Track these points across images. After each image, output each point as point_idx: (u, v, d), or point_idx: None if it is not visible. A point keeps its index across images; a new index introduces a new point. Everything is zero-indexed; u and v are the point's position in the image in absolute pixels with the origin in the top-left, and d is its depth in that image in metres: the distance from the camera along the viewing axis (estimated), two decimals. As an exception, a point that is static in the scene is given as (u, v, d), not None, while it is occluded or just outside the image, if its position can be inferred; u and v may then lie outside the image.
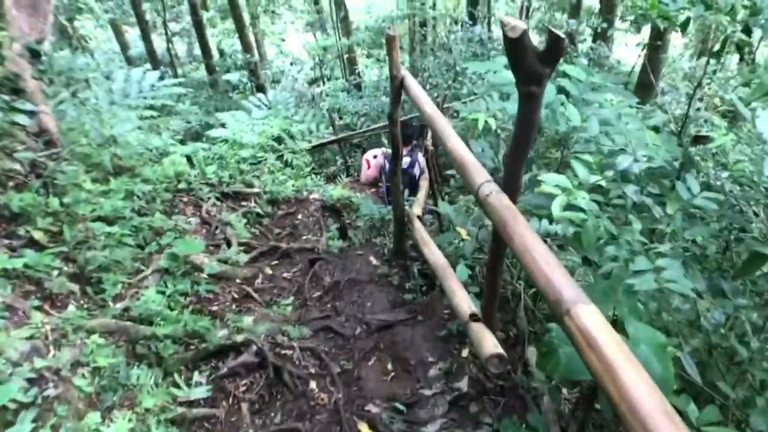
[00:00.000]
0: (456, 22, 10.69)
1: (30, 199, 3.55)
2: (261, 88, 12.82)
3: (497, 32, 11.65)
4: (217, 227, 5.27)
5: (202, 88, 15.81)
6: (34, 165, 4.10)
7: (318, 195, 6.42)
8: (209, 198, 5.66)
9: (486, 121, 4.52)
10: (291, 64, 17.55)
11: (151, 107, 7.82)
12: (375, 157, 7.28)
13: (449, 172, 4.97)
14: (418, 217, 4.27)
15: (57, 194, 3.92)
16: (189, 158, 6.35)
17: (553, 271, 1.56)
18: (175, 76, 15.36)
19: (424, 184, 5.45)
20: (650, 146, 2.61)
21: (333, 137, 9.26)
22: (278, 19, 20.22)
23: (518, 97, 1.85)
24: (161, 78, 8.89)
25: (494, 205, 1.91)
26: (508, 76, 3.29)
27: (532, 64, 1.71)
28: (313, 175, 7.10)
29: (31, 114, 4.30)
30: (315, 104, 12.72)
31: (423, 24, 13.80)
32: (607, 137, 2.60)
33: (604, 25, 9.99)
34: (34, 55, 4.81)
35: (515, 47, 1.68)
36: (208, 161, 6.31)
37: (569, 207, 2.17)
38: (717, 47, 3.73)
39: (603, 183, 2.26)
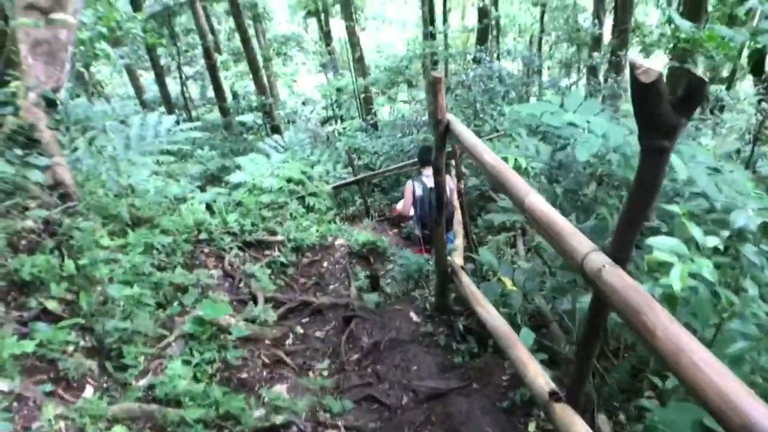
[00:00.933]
0: (475, 60, 10.47)
1: (43, 263, 3.18)
2: (276, 129, 12.60)
3: (509, 67, 11.43)
4: (241, 280, 4.88)
5: (216, 130, 15.67)
6: (47, 222, 3.76)
7: (343, 240, 6.05)
8: (231, 248, 5.30)
9: (516, 160, 4.18)
10: (303, 103, 17.42)
11: (168, 152, 7.53)
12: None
13: (489, 216, 4.59)
14: (462, 267, 3.87)
15: (72, 255, 3.56)
16: (209, 206, 6.02)
17: (729, 384, 1.15)
18: (190, 119, 15.22)
19: (459, 229, 5.07)
20: (752, 195, 2.23)
21: (352, 178, 8.94)
22: (290, 60, 20.22)
23: (642, 151, 1.48)
24: (177, 122, 8.67)
25: (614, 284, 1.52)
26: (564, 118, 2.94)
27: (666, 113, 1.34)
28: (337, 219, 6.74)
29: (45, 168, 3.98)
30: (330, 144, 12.48)
31: (435, 62, 13.63)
32: (710, 189, 2.21)
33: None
34: (50, 104, 4.52)
35: (648, 94, 1.32)
36: (228, 208, 5.97)
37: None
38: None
39: (720, 245, 1.86)
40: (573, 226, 1.84)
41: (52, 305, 2.97)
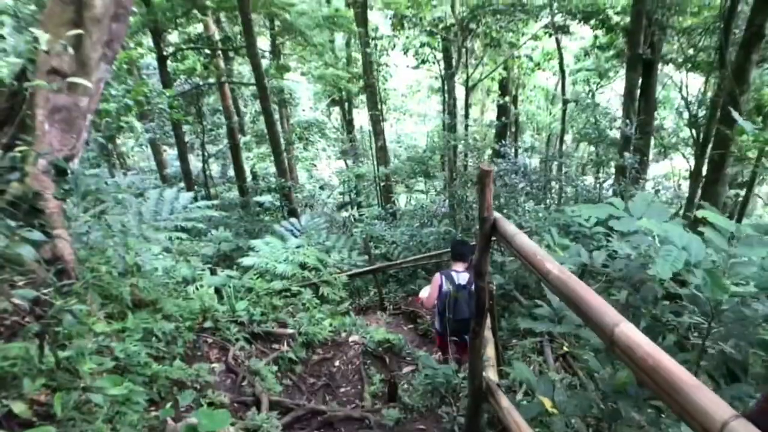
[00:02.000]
0: (497, 154, 10.28)
1: (20, 352, 2.71)
2: (293, 212, 12.33)
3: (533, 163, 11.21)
4: (244, 378, 4.35)
5: (233, 209, 15.51)
6: (36, 302, 3.31)
7: (357, 337, 5.53)
8: (237, 339, 4.80)
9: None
10: (321, 188, 17.31)
11: (183, 229, 7.18)
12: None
13: (529, 325, 4.07)
14: (499, 385, 3.32)
15: (58, 342, 3.09)
16: (218, 290, 5.58)
17: None
18: (209, 196, 15.09)
19: (489, 336, 4.55)
20: None
21: (368, 266, 8.49)
22: (311, 145, 20.37)
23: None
24: (195, 199, 8.41)
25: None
26: (636, 224, 2.52)
27: None
28: (352, 313, 6.23)
29: (41, 243, 3.57)
30: (347, 230, 12.15)
31: (455, 155, 13.52)
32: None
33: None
34: (60, 172, 4.20)
35: None
36: (238, 295, 5.51)
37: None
38: None
39: None
40: (694, 378, 1.36)
41: (19, 408, 2.47)
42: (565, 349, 5.89)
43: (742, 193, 14.92)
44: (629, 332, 1.60)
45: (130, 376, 3.62)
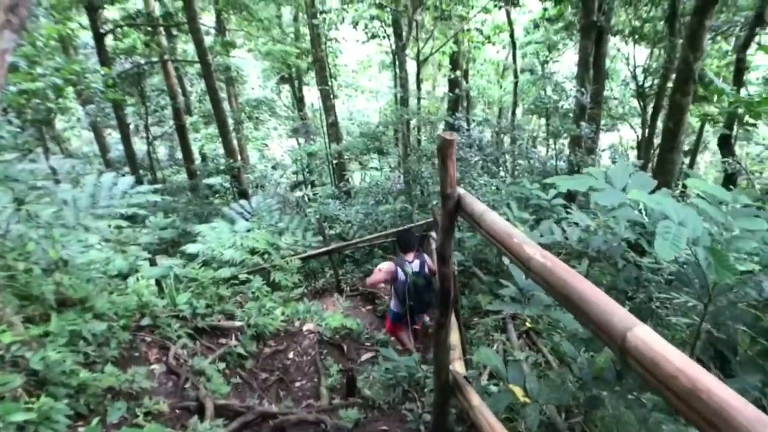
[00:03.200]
0: (451, 127, 9.92)
1: None
2: (244, 194, 11.72)
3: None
4: (187, 379, 3.88)
5: (182, 192, 14.76)
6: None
7: (312, 326, 5.11)
8: (180, 336, 4.30)
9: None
10: (273, 168, 16.64)
11: (127, 217, 6.56)
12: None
13: (496, 306, 3.72)
14: (466, 378, 2.96)
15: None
16: (159, 282, 5.05)
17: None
18: (155, 180, 14.28)
19: (452, 321, 4.19)
20: None
21: (323, 248, 8.02)
22: (261, 125, 19.55)
23: None
24: (140, 183, 7.81)
25: None
26: (622, 196, 2.17)
27: None
28: (305, 297, 5.78)
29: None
30: (300, 210, 11.62)
31: (408, 129, 13.08)
32: None
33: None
34: (-43, 160, 3.59)
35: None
36: (180, 287, 4.99)
37: None
38: None
39: None
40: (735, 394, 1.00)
41: None
42: (528, 325, 5.64)
43: (686, 160, 15.09)
44: (646, 337, 1.23)
45: (52, 389, 3.12)
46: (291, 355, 4.70)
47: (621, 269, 2.57)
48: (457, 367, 3.10)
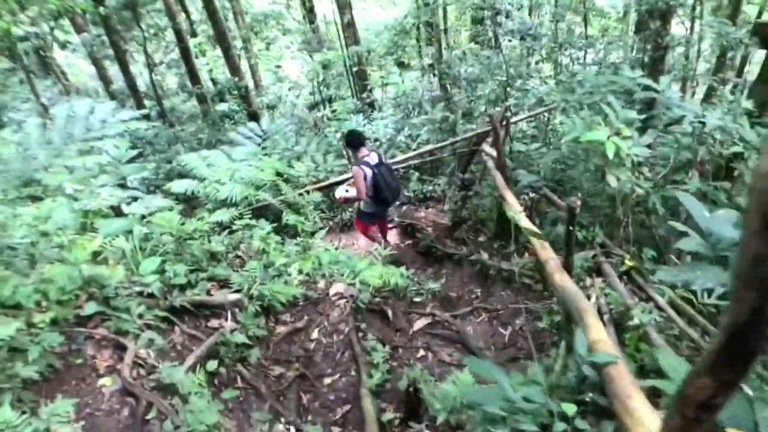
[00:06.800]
0: (474, 21, 7.84)
1: None
2: (254, 116, 9.93)
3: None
4: (150, 405, 2.33)
5: (193, 121, 13.03)
6: None
7: (343, 287, 3.50)
8: (144, 328, 2.73)
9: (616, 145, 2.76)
10: (289, 89, 14.62)
11: (92, 151, 5.02)
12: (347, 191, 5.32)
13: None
14: None
15: None
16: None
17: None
18: (162, 109, 12.52)
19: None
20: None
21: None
22: (273, 44, 17.30)
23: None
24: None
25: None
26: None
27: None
28: (331, 245, 4.08)
29: None
30: (319, 131, 9.80)
31: (431, 35, 10.83)
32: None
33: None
34: None
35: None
36: (151, 244, 3.37)
37: None
38: None
39: None
40: None
41: None
42: (628, 263, 4.00)
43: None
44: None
45: None
46: (315, 335, 3.14)
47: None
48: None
